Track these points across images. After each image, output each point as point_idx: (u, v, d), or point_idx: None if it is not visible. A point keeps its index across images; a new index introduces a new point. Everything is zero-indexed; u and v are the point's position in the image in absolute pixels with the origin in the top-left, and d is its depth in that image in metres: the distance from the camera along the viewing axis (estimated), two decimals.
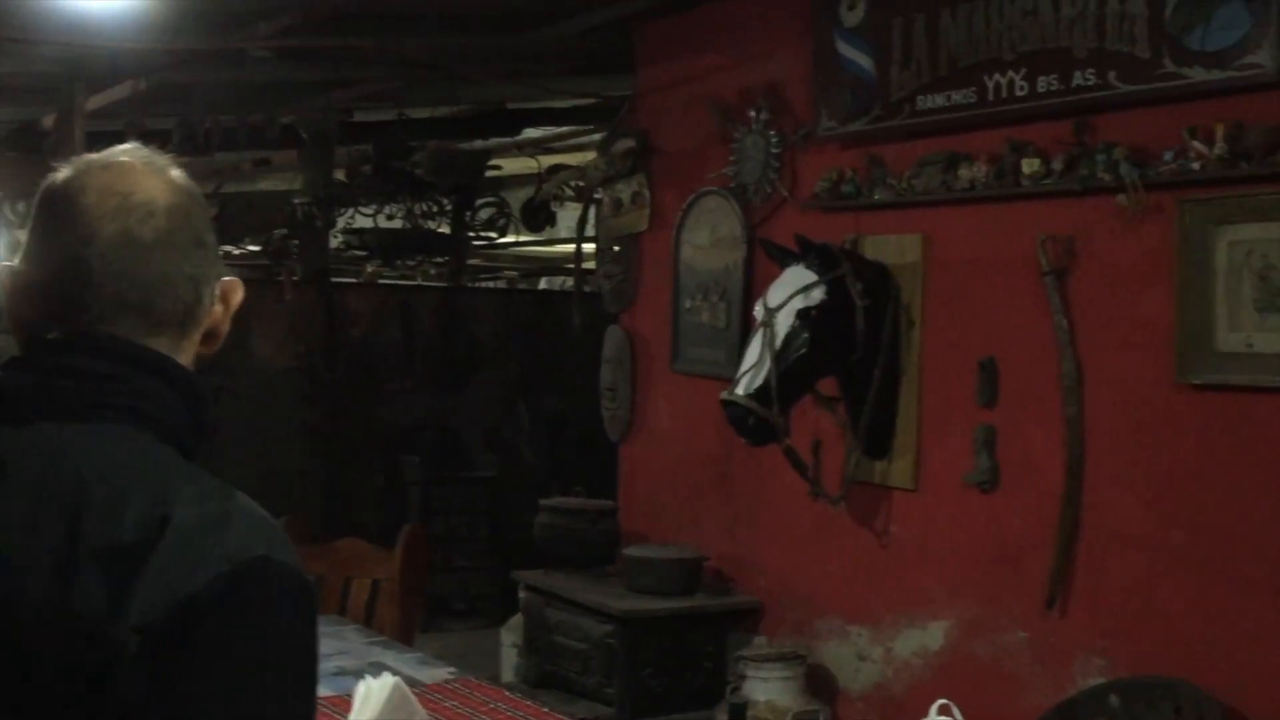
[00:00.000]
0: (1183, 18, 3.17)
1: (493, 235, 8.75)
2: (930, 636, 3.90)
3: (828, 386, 4.02)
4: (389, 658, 3.26)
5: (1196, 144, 3.15)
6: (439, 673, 3.11)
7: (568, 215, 8.12)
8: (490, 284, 11.58)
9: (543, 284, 12.18)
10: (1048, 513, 3.54)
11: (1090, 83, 3.38)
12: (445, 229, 8.54)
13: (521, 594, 4.84)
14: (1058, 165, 3.49)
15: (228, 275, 1.32)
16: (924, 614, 3.93)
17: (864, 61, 4.01)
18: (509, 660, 5.06)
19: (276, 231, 8.77)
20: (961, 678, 3.76)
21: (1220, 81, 3.11)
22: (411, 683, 2.82)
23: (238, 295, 1.32)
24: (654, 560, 4.45)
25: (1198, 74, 3.15)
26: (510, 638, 5.07)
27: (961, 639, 3.81)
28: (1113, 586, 3.43)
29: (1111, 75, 3.33)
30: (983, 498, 3.75)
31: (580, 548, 4.75)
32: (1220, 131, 3.10)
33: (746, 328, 4.19)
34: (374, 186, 7.75)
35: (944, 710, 2.28)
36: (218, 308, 1.31)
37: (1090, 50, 3.37)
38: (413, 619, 4.33)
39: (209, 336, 1.31)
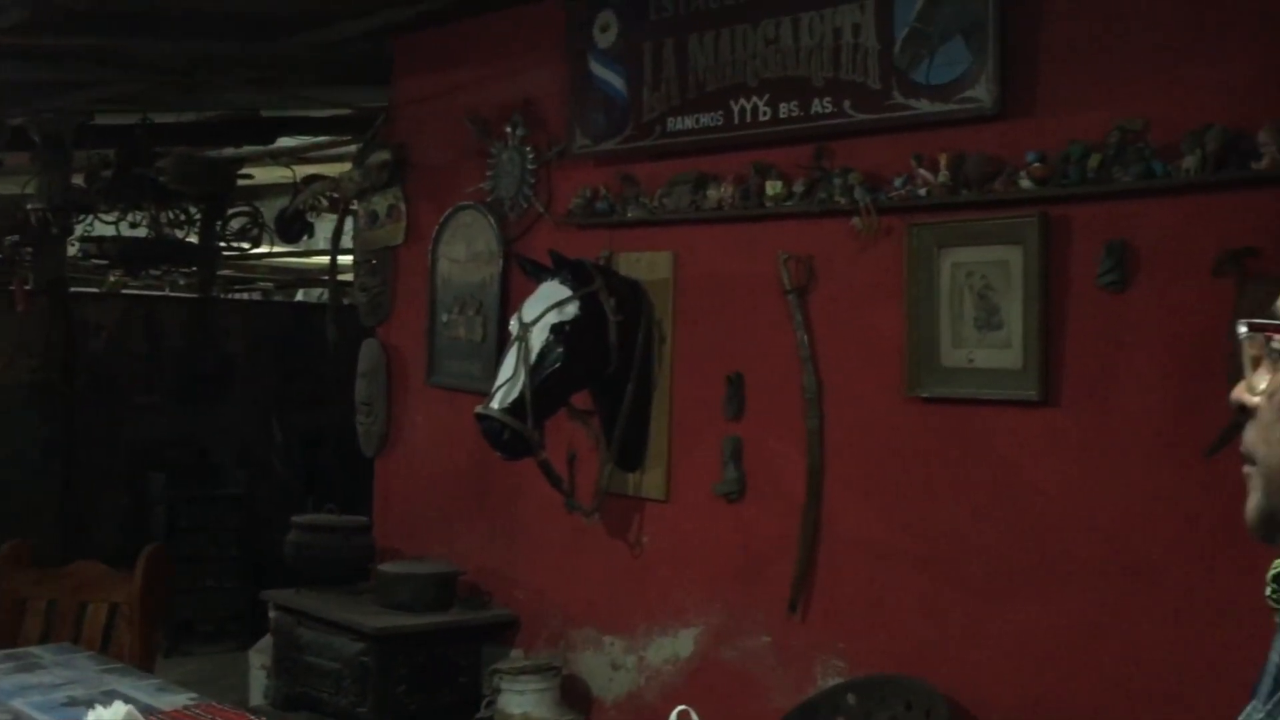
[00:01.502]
0: (909, 53, 3.37)
1: (245, 246, 8.47)
2: (681, 644, 4.00)
3: (582, 400, 4.08)
4: (125, 685, 3.11)
5: (923, 171, 3.36)
6: (178, 699, 2.99)
7: (326, 226, 7.94)
8: (244, 295, 11.20)
9: (299, 296, 11.87)
10: (790, 521, 3.69)
11: (828, 110, 3.55)
12: (194, 238, 8.22)
13: (271, 614, 4.71)
14: (799, 188, 3.65)
15: None
16: (675, 622, 4.02)
17: (616, 82, 4.09)
18: (258, 683, 4.91)
19: (8, 238, 8.24)
20: (710, 683, 3.88)
21: (943, 113, 3.32)
22: (147, 710, 2.71)
23: None
24: (408, 576, 4.41)
25: (924, 106, 3.35)
26: (259, 660, 4.92)
27: (710, 645, 3.92)
28: (849, 590, 3.60)
29: (847, 104, 3.51)
30: (730, 507, 3.88)
31: (333, 565, 4.67)
32: (944, 160, 3.31)
33: (502, 342, 4.21)
34: (115, 193, 7.38)
35: (683, 716, 2.35)
36: None
37: (827, 80, 3.55)
38: (153, 644, 4.14)
39: None
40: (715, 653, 3.91)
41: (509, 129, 4.52)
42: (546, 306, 3.83)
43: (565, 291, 3.85)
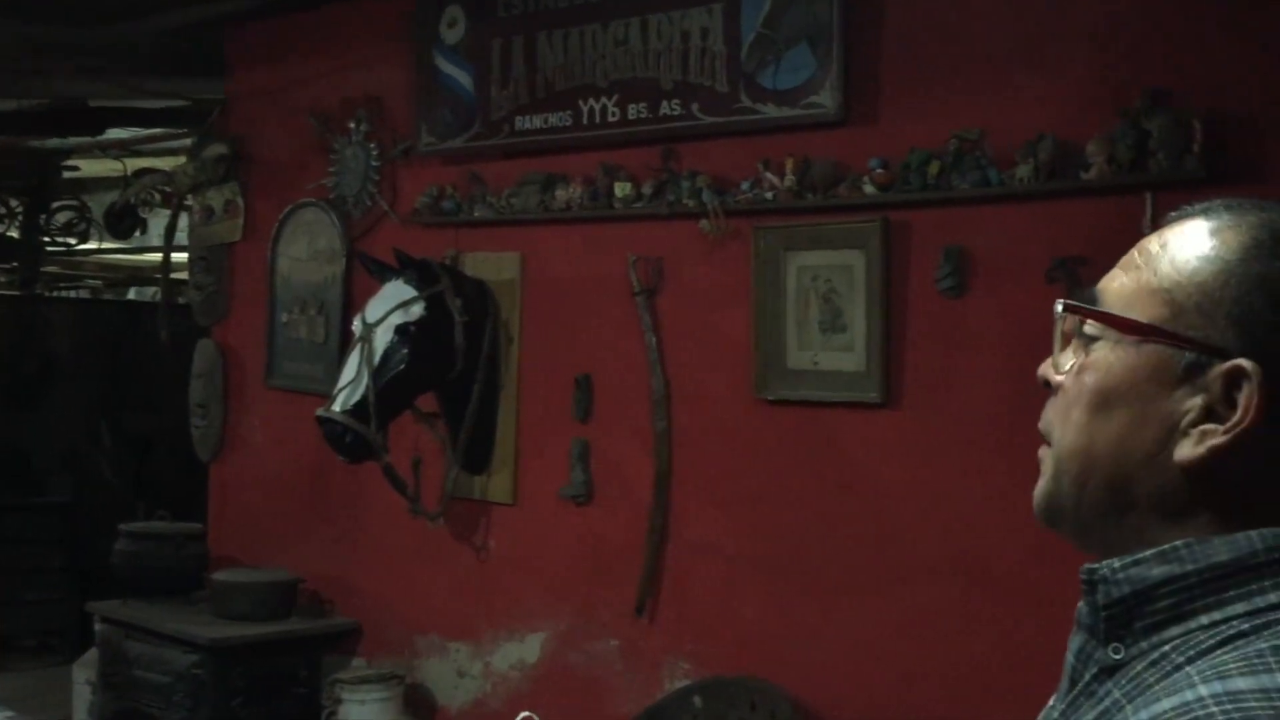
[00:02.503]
0: (756, 57, 3.40)
1: (71, 241, 8.11)
2: (528, 649, 3.96)
3: (427, 402, 4.00)
4: None
5: (769, 175, 3.39)
6: None
7: (160, 222, 7.65)
8: (71, 293, 10.72)
9: (131, 294, 11.41)
10: (638, 523, 3.69)
11: (676, 113, 3.56)
12: (14, 233, 7.83)
13: (97, 626, 4.50)
14: (647, 190, 3.65)
15: None
16: (522, 627, 3.98)
17: (464, 79, 4.03)
18: (83, 699, 4.69)
19: None
20: (557, 688, 3.85)
21: (789, 118, 3.36)
22: None
23: None
24: (245, 584, 4.27)
25: (770, 110, 3.38)
26: (84, 674, 4.70)
27: (557, 650, 3.89)
28: (696, 592, 3.61)
29: (695, 107, 3.52)
30: (578, 510, 3.85)
31: (165, 575, 4.49)
32: (790, 165, 3.35)
33: (345, 343, 4.10)
34: None
35: None
36: None
37: (676, 82, 3.55)
38: None
39: None
40: (562, 657, 3.88)
41: (352, 125, 4.41)
42: (391, 307, 3.75)
43: (410, 291, 3.77)
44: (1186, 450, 0.87)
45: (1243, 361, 0.85)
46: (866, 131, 3.29)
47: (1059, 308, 0.97)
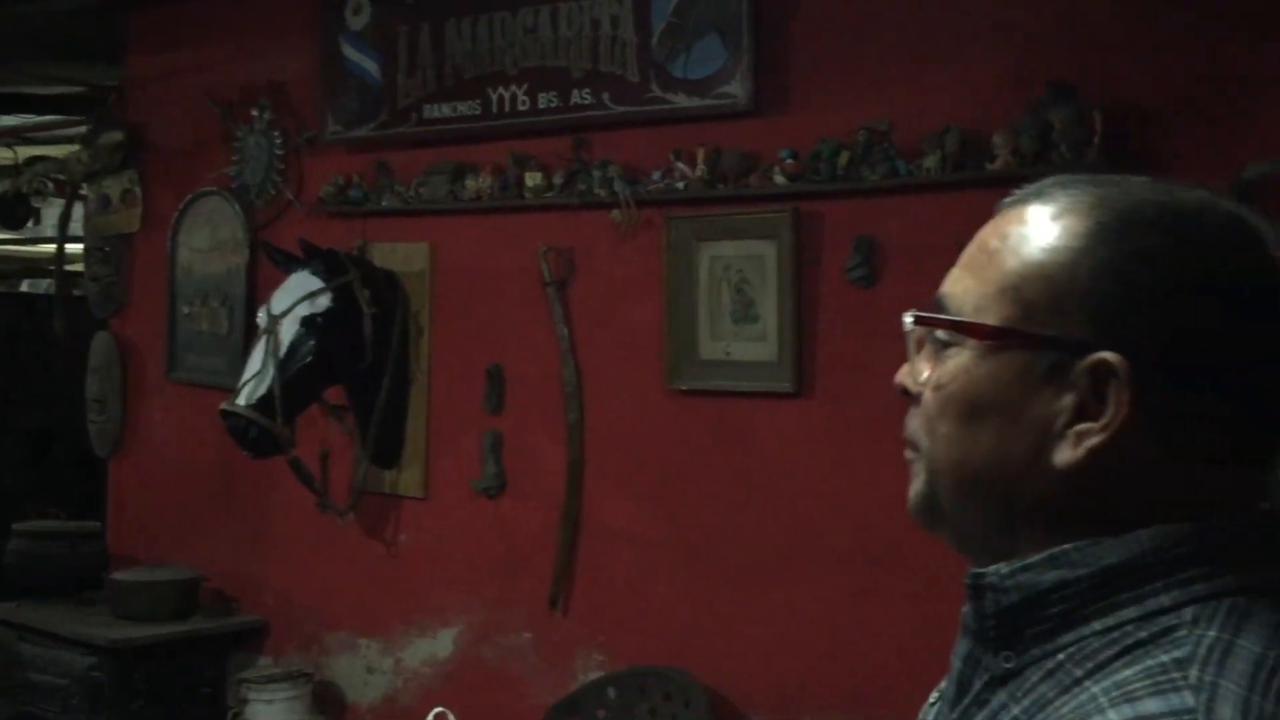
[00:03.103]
0: (667, 47, 3.39)
1: None
2: (440, 644, 3.92)
3: (336, 395, 3.93)
4: None
5: (681, 165, 3.39)
6: None
7: (54, 212, 7.42)
8: None
9: (24, 286, 11.07)
10: (551, 516, 3.66)
11: (587, 102, 3.53)
12: None
13: None
14: (558, 179, 3.62)
15: None
16: (434, 622, 3.93)
17: (370, 67, 3.96)
18: None
19: None
20: (469, 683, 3.81)
21: (700, 108, 3.35)
22: None
23: None
24: (145, 584, 4.16)
25: (681, 100, 3.38)
26: None
27: (470, 644, 3.85)
28: (610, 583, 3.60)
29: (606, 96, 3.50)
30: (490, 503, 3.82)
31: (61, 575, 4.36)
32: (701, 155, 3.35)
33: (249, 335, 4.01)
34: None
35: (439, 718, 2.28)
36: None
37: (586, 71, 3.53)
38: None
39: None
40: (475, 652, 3.84)
41: (255, 112, 4.31)
42: (297, 298, 3.68)
43: (317, 283, 3.70)
44: (1065, 454, 0.82)
45: (1106, 355, 0.80)
46: (777, 122, 3.30)
47: (908, 320, 0.92)
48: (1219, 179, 2.63)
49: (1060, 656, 0.80)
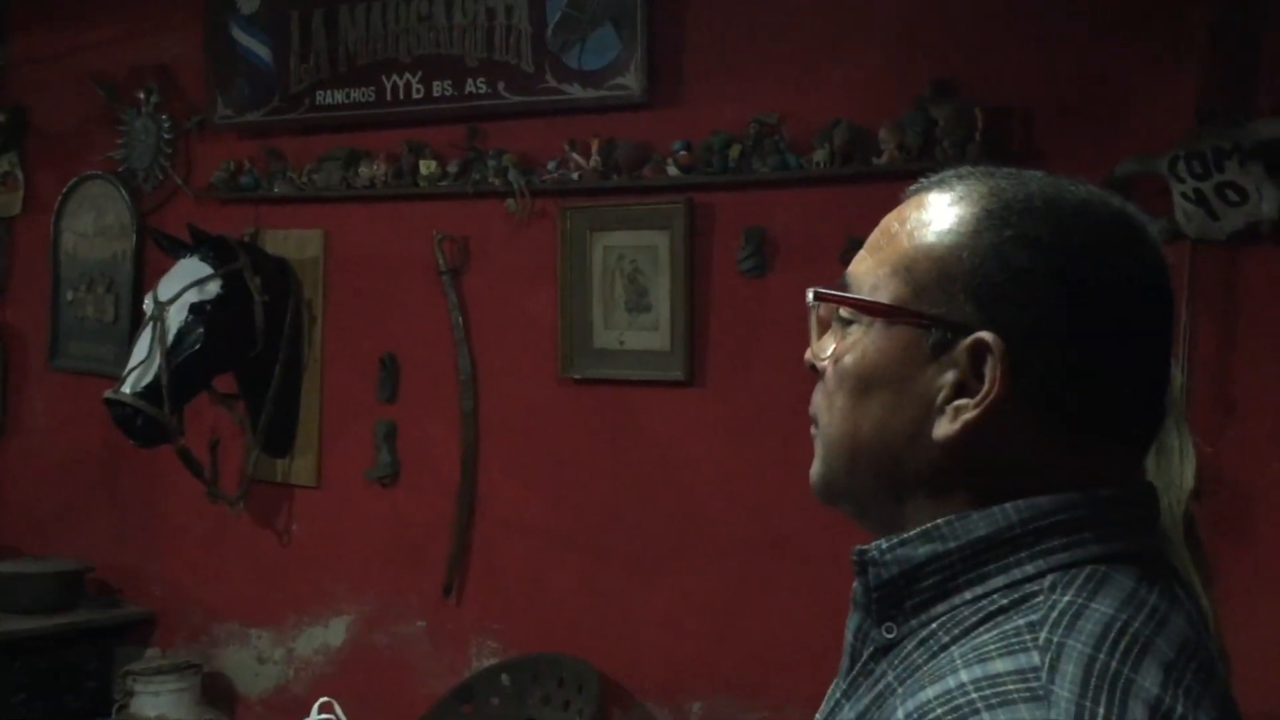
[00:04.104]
0: (561, 37, 3.40)
1: None
2: (332, 633, 3.90)
3: (226, 383, 3.88)
4: None
5: (575, 156, 3.41)
6: None
7: None
8: None
9: None
10: (445, 504, 3.66)
11: (482, 91, 3.53)
12: None
13: None
14: (453, 168, 3.62)
15: None
16: (327, 611, 3.91)
17: (261, 51, 3.91)
18: None
19: None
20: (362, 671, 3.80)
21: (595, 99, 3.38)
22: None
23: None
24: (26, 575, 4.07)
25: (576, 91, 3.40)
26: None
27: (363, 633, 3.84)
28: (505, 571, 3.61)
29: (501, 85, 3.50)
30: (384, 492, 3.80)
31: None
32: (595, 145, 3.37)
33: (136, 322, 3.94)
34: None
35: (325, 708, 2.28)
36: None
37: (481, 60, 3.53)
38: None
39: None
40: (368, 640, 3.83)
41: (142, 95, 4.23)
42: (185, 285, 3.62)
43: (206, 269, 3.65)
44: (943, 428, 0.87)
45: (984, 334, 0.85)
46: (670, 114, 3.33)
47: (810, 296, 0.97)
48: (1093, 176, 2.72)
49: (933, 625, 0.84)
